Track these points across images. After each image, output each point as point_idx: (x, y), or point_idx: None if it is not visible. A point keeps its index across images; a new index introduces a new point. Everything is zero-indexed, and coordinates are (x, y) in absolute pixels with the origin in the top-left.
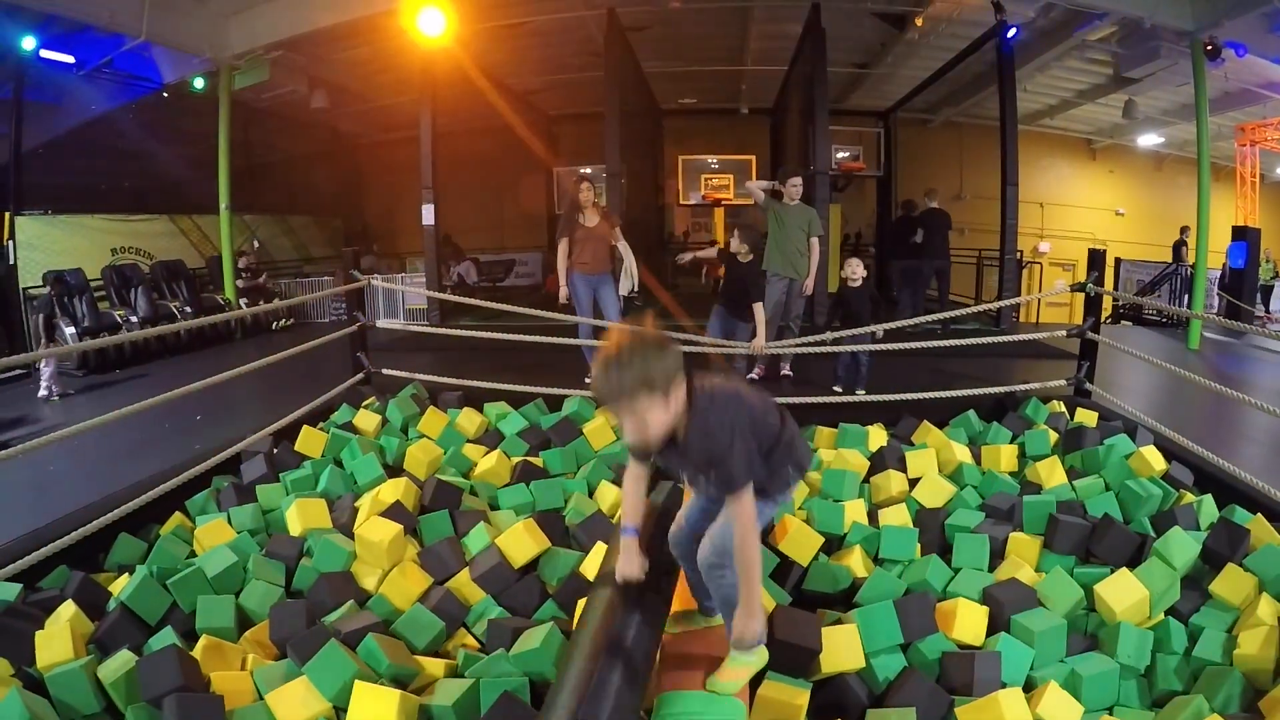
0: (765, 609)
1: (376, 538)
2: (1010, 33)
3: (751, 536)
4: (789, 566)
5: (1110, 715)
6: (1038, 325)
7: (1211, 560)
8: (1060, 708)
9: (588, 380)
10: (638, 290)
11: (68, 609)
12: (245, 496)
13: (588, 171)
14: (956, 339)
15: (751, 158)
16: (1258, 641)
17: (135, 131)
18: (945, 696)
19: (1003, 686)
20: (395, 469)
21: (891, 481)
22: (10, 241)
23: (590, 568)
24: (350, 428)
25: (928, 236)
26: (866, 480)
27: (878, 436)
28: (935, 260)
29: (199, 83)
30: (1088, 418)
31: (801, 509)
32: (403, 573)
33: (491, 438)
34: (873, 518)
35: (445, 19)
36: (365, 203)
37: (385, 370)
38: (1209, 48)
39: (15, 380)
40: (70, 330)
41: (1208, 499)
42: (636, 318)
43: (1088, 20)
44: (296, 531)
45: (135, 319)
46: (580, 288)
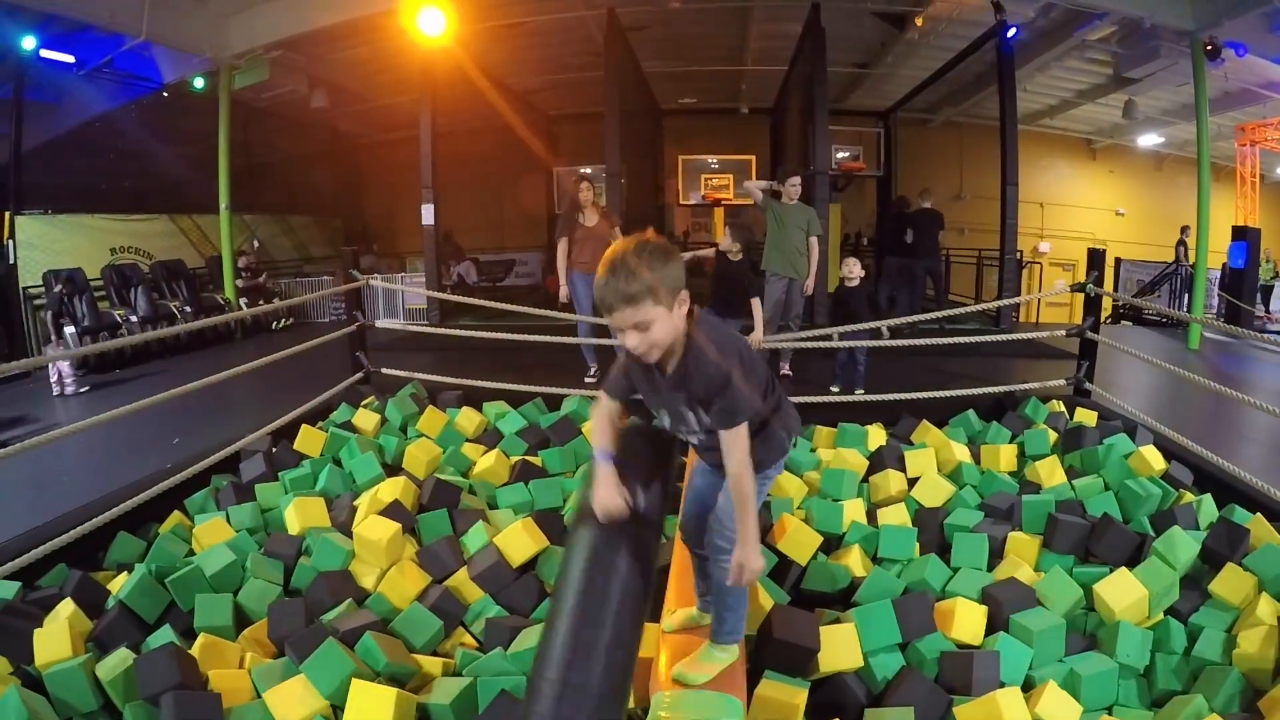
0: (763, 608)
1: (375, 536)
2: (1010, 33)
3: (748, 471)
4: (787, 566)
5: (1109, 715)
6: (1037, 325)
7: (1211, 560)
8: (1059, 707)
9: (588, 380)
10: None
11: (66, 607)
12: (244, 495)
13: (588, 171)
14: (956, 336)
15: (751, 158)
16: (1257, 641)
17: (135, 131)
18: (943, 696)
19: (1001, 686)
20: (394, 468)
21: (890, 481)
22: (10, 241)
23: None
24: (349, 427)
25: (918, 236)
26: (865, 480)
27: (877, 436)
28: (927, 260)
29: (199, 82)
30: (1087, 417)
31: (800, 508)
32: (401, 571)
33: (490, 437)
34: (871, 517)
35: (445, 19)
36: (365, 202)
37: (384, 370)
38: (1209, 47)
39: (15, 380)
40: (70, 330)
41: (1207, 498)
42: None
43: (1088, 20)
44: (295, 530)
45: (135, 319)
46: (580, 287)
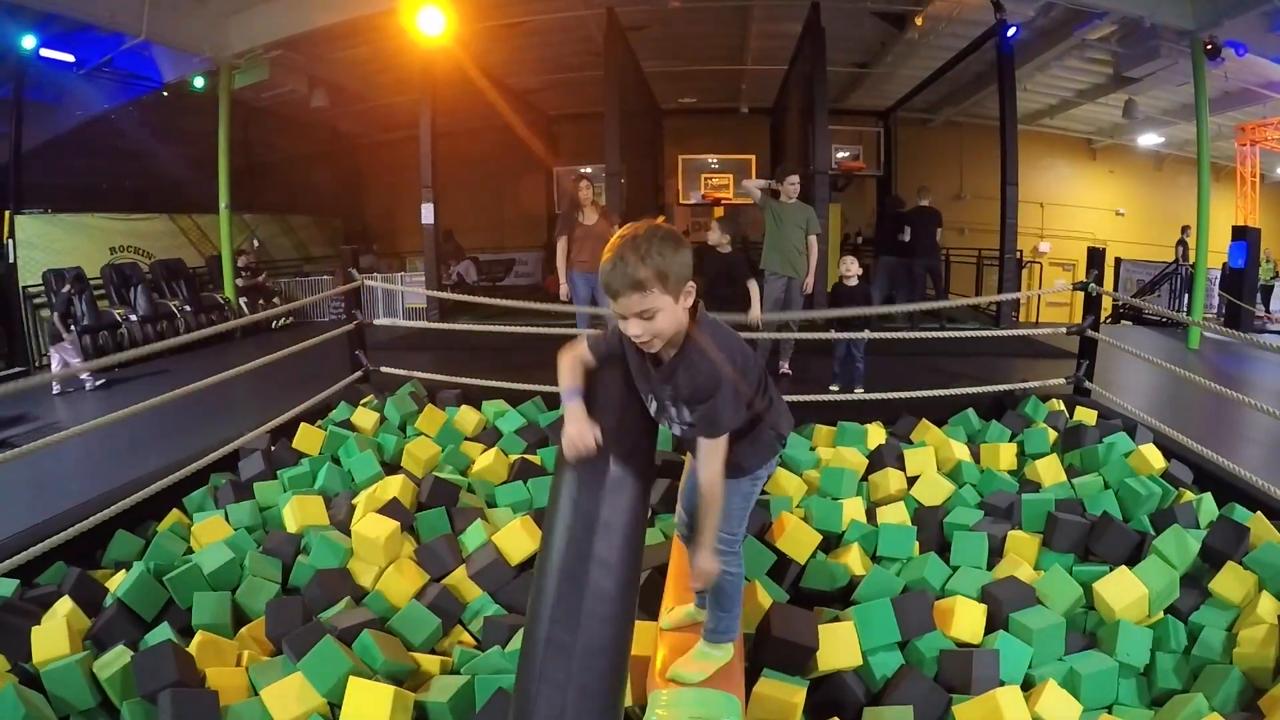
0: (762, 606)
1: (373, 535)
2: (1010, 32)
3: (719, 480)
4: (787, 564)
5: (1109, 714)
6: (1038, 324)
7: (1211, 558)
8: (1059, 706)
9: None
10: None
11: (64, 605)
12: (243, 493)
13: (587, 171)
14: (956, 332)
15: (751, 157)
16: (1257, 640)
17: (135, 131)
18: (943, 695)
19: (1001, 685)
20: (393, 466)
21: (890, 480)
22: (10, 240)
23: None
24: (348, 425)
25: (916, 235)
26: (865, 478)
27: (876, 435)
28: (926, 259)
29: (199, 82)
30: (1087, 416)
31: (799, 506)
32: (399, 570)
33: (489, 435)
34: (871, 516)
35: (445, 18)
36: (365, 202)
37: (384, 368)
38: (1209, 47)
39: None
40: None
41: (1207, 497)
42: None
43: (1088, 19)
44: (293, 528)
45: (135, 318)
46: (580, 286)
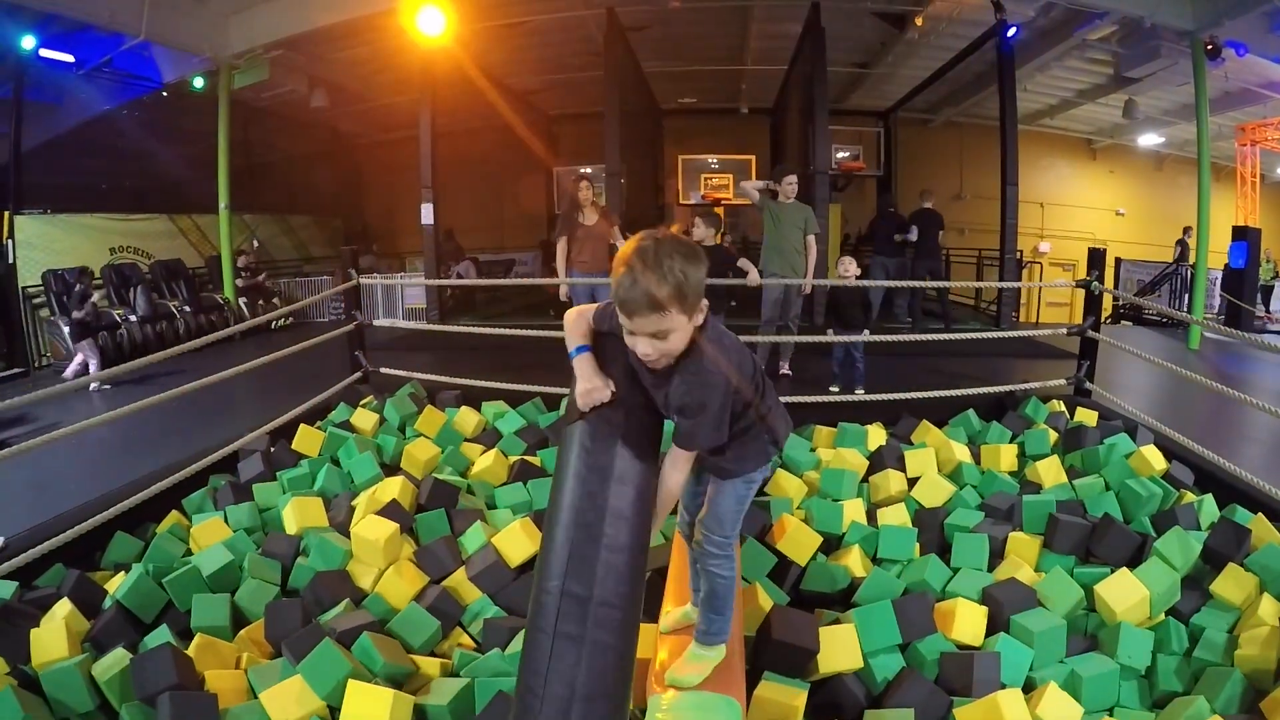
0: (763, 608)
1: (373, 536)
2: (1010, 32)
3: (676, 486)
4: (787, 566)
5: (1110, 716)
6: (1038, 325)
7: (1212, 560)
8: (1060, 709)
9: None
10: None
11: (63, 607)
12: (242, 495)
13: (587, 171)
14: (958, 334)
15: (751, 157)
16: (1259, 642)
17: (135, 131)
18: (944, 697)
19: (1002, 687)
20: (392, 468)
21: (890, 481)
22: (10, 241)
23: None
24: (348, 426)
25: (918, 236)
26: (865, 480)
27: (877, 436)
28: (927, 261)
29: (199, 82)
30: (1088, 417)
31: (800, 508)
32: (399, 572)
33: (489, 437)
34: (871, 517)
35: (445, 18)
36: (365, 202)
37: (383, 369)
38: (1209, 47)
39: (13, 379)
40: (69, 330)
41: (1208, 498)
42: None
43: (1088, 20)
44: (293, 530)
45: (134, 318)
46: (580, 286)
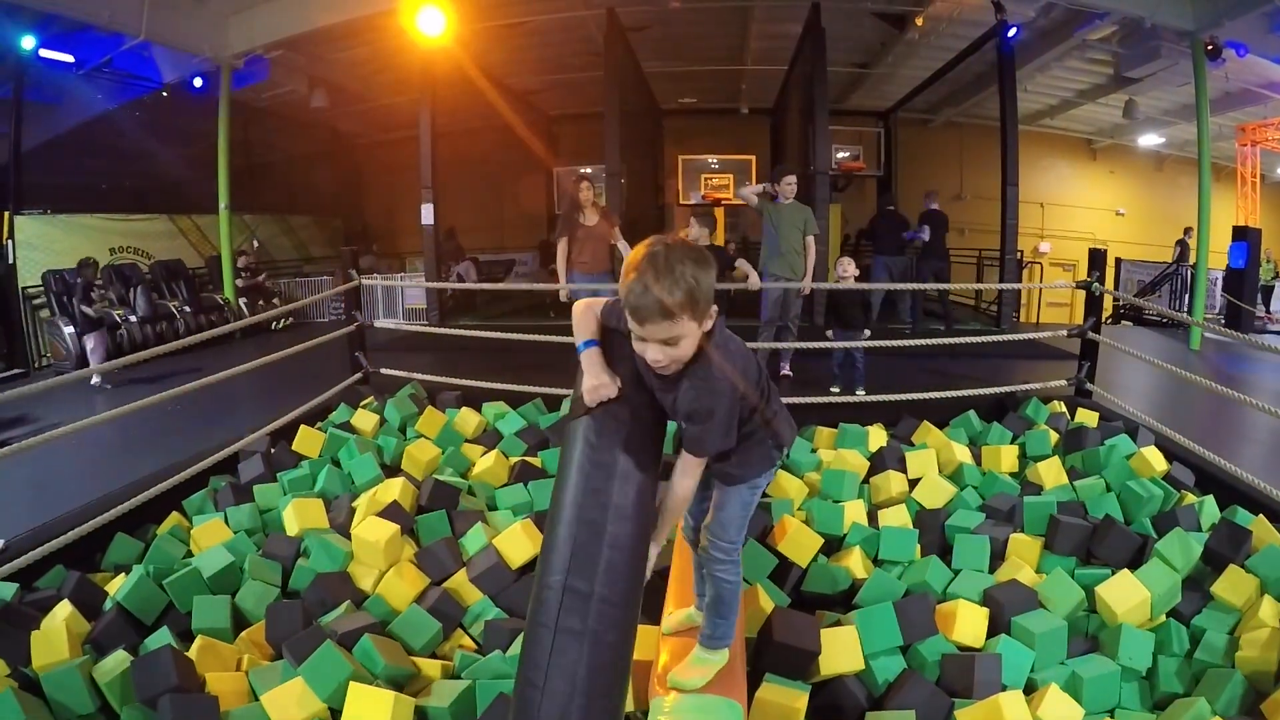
0: (764, 610)
1: (373, 538)
2: (1010, 32)
3: (687, 492)
4: (788, 567)
5: (1111, 718)
6: (1038, 325)
7: (1213, 561)
8: (1061, 710)
9: None
10: None
11: (64, 609)
12: (242, 496)
13: (588, 171)
14: (959, 337)
15: (752, 158)
16: (1260, 643)
17: (135, 131)
18: (945, 699)
19: (1003, 689)
20: (393, 469)
21: (891, 482)
22: (10, 241)
23: None
24: (348, 427)
25: (930, 237)
26: (866, 481)
27: (878, 437)
28: (932, 261)
29: (198, 82)
30: (1088, 418)
31: (801, 509)
32: (399, 573)
33: (490, 438)
34: (872, 518)
35: (445, 19)
36: (365, 202)
37: (384, 370)
38: (1209, 48)
39: (13, 380)
40: (69, 330)
41: (1209, 500)
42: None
43: (1088, 20)
44: (293, 531)
45: (134, 318)
46: (581, 290)
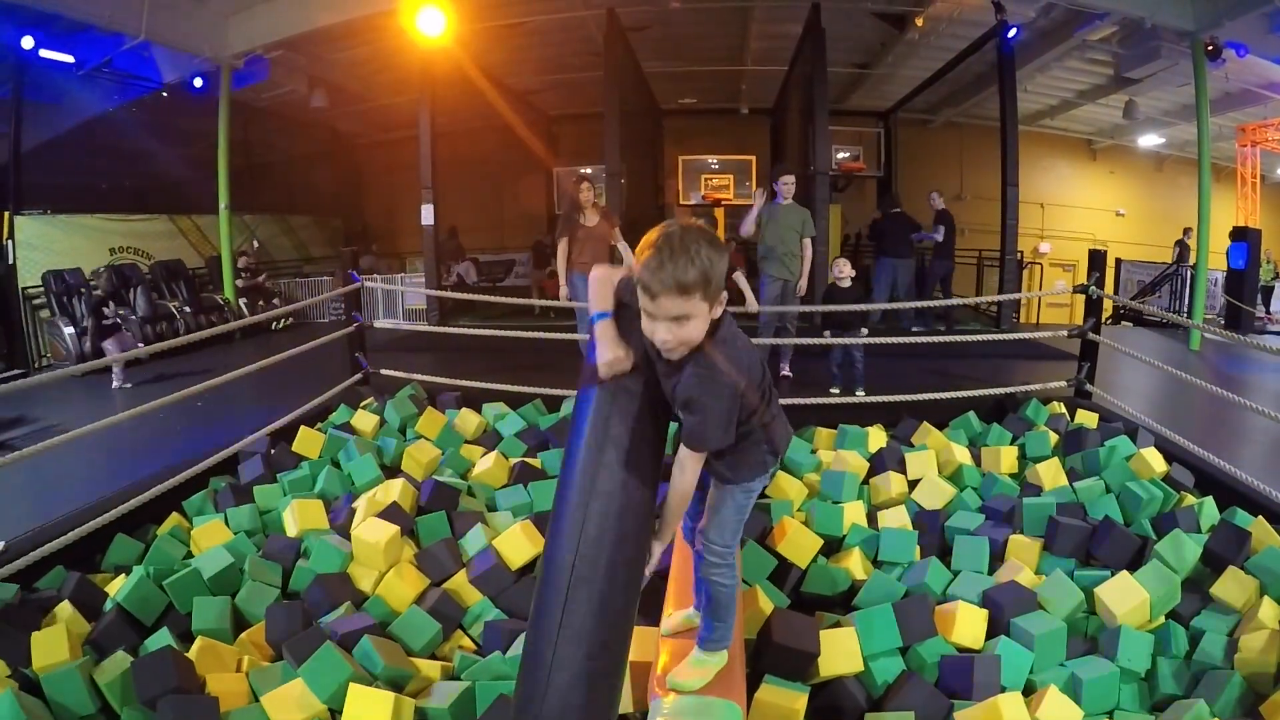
0: (763, 611)
1: (373, 539)
2: (1011, 33)
3: (688, 487)
4: (787, 568)
5: (1110, 719)
6: (1038, 326)
7: (1213, 563)
8: (1060, 712)
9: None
10: None
11: (64, 610)
12: (243, 497)
13: (588, 171)
14: (958, 336)
15: (752, 158)
16: (1259, 645)
17: (135, 131)
18: (944, 700)
19: (1002, 690)
20: (393, 470)
21: (891, 483)
22: (10, 241)
23: None
24: (348, 428)
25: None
26: (866, 482)
27: (877, 438)
28: (945, 262)
29: (198, 82)
30: (1088, 419)
31: (800, 510)
32: (399, 574)
33: (489, 438)
34: (872, 519)
35: (444, 19)
36: (365, 203)
37: (383, 370)
38: (1210, 48)
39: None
40: (70, 330)
41: (1209, 501)
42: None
43: (1088, 20)
44: (293, 532)
45: (134, 318)
46: (580, 287)
